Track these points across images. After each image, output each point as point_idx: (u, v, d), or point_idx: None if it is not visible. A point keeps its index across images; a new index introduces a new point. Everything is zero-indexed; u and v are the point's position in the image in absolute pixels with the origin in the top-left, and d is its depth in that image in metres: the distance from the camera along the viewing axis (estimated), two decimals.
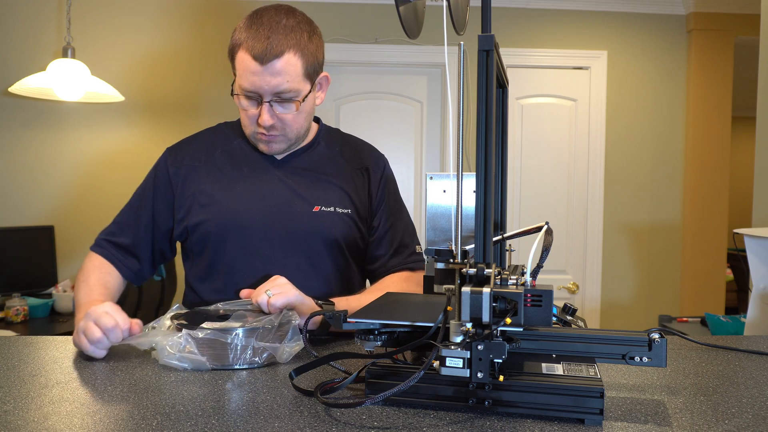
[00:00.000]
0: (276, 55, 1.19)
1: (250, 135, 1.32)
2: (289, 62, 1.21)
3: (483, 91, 0.77)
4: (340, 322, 0.87)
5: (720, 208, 3.47)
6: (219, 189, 1.31)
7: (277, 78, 1.20)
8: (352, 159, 1.41)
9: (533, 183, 3.43)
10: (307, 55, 1.24)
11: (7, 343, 1.13)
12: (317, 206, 1.31)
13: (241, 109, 1.28)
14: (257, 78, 1.20)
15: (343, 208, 1.33)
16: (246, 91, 1.23)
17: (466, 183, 0.92)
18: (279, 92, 1.22)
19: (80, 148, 3.22)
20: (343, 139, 1.45)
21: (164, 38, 3.25)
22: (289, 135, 1.30)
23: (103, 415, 0.78)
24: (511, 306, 0.74)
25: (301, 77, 1.24)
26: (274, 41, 1.19)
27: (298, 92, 1.24)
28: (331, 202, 1.33)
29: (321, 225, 1.30)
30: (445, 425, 0.74)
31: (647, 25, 3.43)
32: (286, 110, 1.25)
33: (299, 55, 1.22)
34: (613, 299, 3.48)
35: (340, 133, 1.47)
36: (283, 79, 1.21)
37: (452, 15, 0.93)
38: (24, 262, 3.01)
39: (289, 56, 1.21)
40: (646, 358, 0.81)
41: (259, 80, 1.20)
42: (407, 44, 3.26)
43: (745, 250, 1.67)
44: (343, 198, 1.34)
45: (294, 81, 1.22)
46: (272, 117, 1.24)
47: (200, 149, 1.37)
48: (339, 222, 1.32)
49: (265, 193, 1.31)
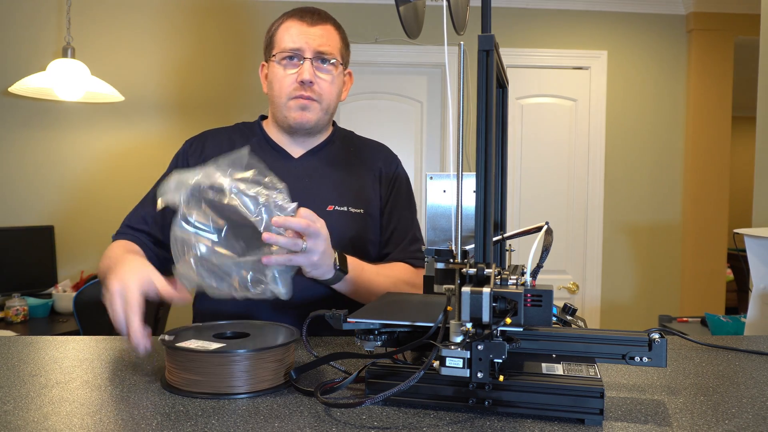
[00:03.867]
0: (323, 20, 1.33)
1: (284, 103, 1.34)
2: (332, 32, 1.34)
3: (483, 91, 0.77)
4: (340, 322, 0.87)
5: (720, 208, 3.47)
6: None
7: (322, 38, 1.31)
8: (366, 159, 1.43)
9: (533, 183, 3.43)
10: (344, 39, 1.38)
11: (7, 343, 1.13)
12: (331, 205, 1.32)
13: (278, 76, 1.32)
14: (303, 36, 1.30)
15: (356, 207, 1.34)
16: (290, 50, 1.31)
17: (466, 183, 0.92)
18: (322, 51, 1.31)
19: (80, 148, 3.22)
20: (357, 139, 1.49)
21: (164, 38, 3.25)
22: (323, 102, 1.34)
23: (103, 415, 0.78)
24: (511, 306, 0.74)
25: (339, 50, 1.35)
26: (320, 13, 1.34)
27: (336, 56, 1.33)
28: (345, 202, 1.34)
29: (333, 224, 1.30)
30: (445, 425, 0.74)
31: (647, 25, 3.44)
32: (324, 73, 1.32)
33: (339, 32, 1.37)
34: (613, 299, 3.48)
35: (354, 134, 1.52)
36: (327, 41, 1.32)
37: (452, 15, 0.93)
38: (24, 262, 3.01)
39: (333, 27, 1.35)
40: (646, 358, 0.81)
41: (305, 37, 1.30)
42: (407, 44, 3.26)
43: (745, 250, 1.67)
44: (357, 198, 1.36)
45: (334, 48, 1.33)
46: (313, 74, 1.30)
47: (220, 143, 1.39)
48: (351, 221, 1.33)
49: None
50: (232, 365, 0.86)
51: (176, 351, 0.88)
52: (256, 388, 0.87)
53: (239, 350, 0.87)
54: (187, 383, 0.86)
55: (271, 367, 0.88)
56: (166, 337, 0.92)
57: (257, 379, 0.87)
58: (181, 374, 0.87)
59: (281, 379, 0.90)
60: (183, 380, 0.87)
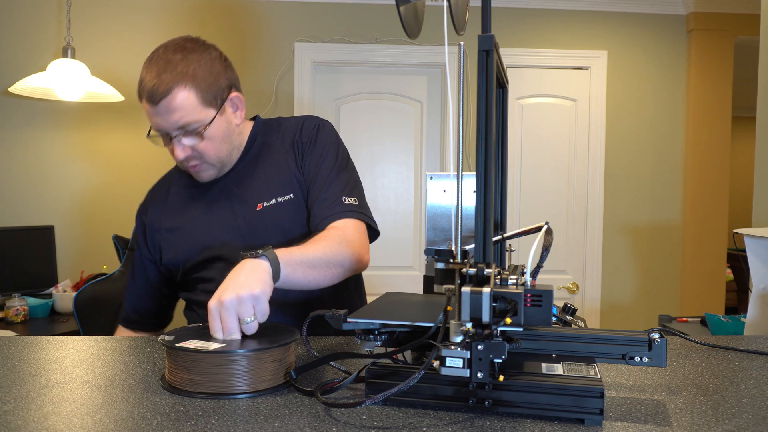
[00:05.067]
0: (164, 93, 1.21)
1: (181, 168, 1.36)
2: (180, 98, 1.21)
3: (483, 91, 0.77)
4: (340, 322, 0.87)
5: (720, 208, 3.47)
6: (176, 224, 1.37)
7: (174, 114, 1.22)
8: (285, 139, 1.38)
9: (533, 183, 3.43)
10: (202, 84, 1.24)
11: (7, 343, 1.13)
12: (260, 204, 1.31)
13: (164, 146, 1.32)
14: (156, 118, 1.23)
15: (283, 195, 1.31)
16: (157, 132, 1.28)
17: (466, 183, 0.92)
18: (180, 126, 1.23)
19: (80, 148, 3.22)
20: (280, 125, 1.42)
21: (164, 38, 3.24)
22: (211, 161, 1.30)
23: (103, 415, 0.78)
24: (511, 306, 0.74)
25: (199, 107, 1.24)
26: (163, 79, 1.21)
27: (200, 122, 1.24)
28: (272, 194, 1.32)
29: (267, 220, 1.30)
30: (445, 425, 0.74)
31: (647, 25, 3.43)
32: (193, 141, 1.26)
33: (191, 86, 1.22)
34: (613, 299, 3.48)
35: (279, 120, 1.44)
36: (179, 114, 1.22)
37: (452, 15, 0.93)
38: (24, 262, 3.01)
39: (178, 91, 1.21)
40: (646, 358, 0.81)
41: (158, 120, 1.23)
42: (407, 44, 3.26)
43: (745, 250, 1.67)
44: (283, 184, 1.33)
45: (192, 113, 1.23)
46: (184, 150, 1.26)
47: (158, 196, 1.44)
48: (282, 211, 1.30)
49: (212, 209, 1.35)
50: (232, 365, 0.86)
51: (176, 351, 0.88)
52: (257, 388, 0.87)
53: (239, 350, 0.87)
54: (188, 383, 0.87)
55: (271, 367, 0.89)
56: (166, 337, 0.92)
57: (257, 379, 0.87)
58: (181, 374, 0.87)
59: (281, 378, 0.90)
60: (183, 380, 0.87)
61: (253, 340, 0.93)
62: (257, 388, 0.87)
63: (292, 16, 3.27)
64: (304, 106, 3.26)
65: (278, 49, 3.27)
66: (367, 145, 3.38)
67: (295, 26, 3.27)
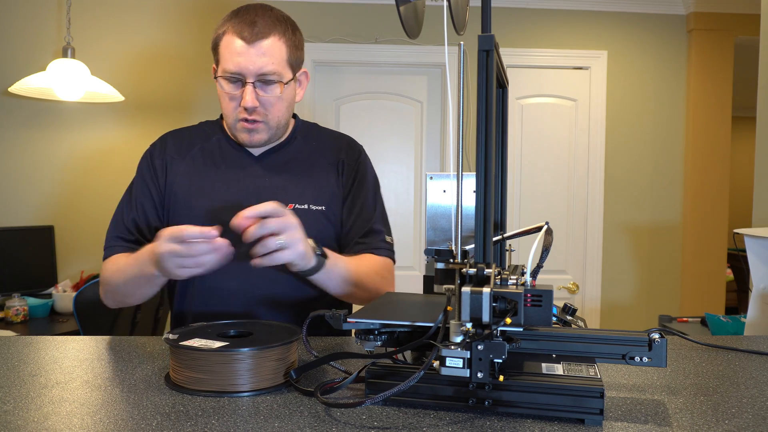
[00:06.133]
0: (263, 36, 1.23)
1: (232, 125, 1.31)
2: (274, 45, 1.24)
3: (483, 91, 0.77)
4: (340, 321, 0.87)
5: (720, 208, 3.47)
6: (195, 188, 1.31)
7: (263, 59, 1.23)
8: (328, 153, 1.39)
9: (533, 183, 3.43)
10: (291, 45, 1.28)
11: (7, 343, 1.13)
12: (291, 204, 1.30)
13: (223, 96, 1.28)
14: (243, 58, 1.22)
15: (317, 205, 1.32)
16: (230, 74, 1.24)
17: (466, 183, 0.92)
18: (263, 73, 1.24)
19: (80, 148, 3.22)
20: (319, 133, 1.44)
21: (164, 38, 3.26)
22: (271, 122, 1.29)
23: (103, 415, 0.78)
24: (511, 306, 0.74)
25: (285, 62, 1.27)
26: (260, 25, 1.23)
27: (281, 75, 1.26)
28: (305, 199, 1.32)
29: None
30: (445, 425, 0.74)
31: (647, 25, 3.44)
32: (269, 93, 1.26)
33: (284, 41, 1.26)
34: (613, 299, 3.48)
35: (318, 127, 1.47)
36: (268, 60, 1.23)
37: (452, 15, 0.93)
38: (24, 262, 3.01)
39: (275, 39, 1.24)
40: (646, 358, 0.81)
41: (244, 60, 1.22)
42: (407, 44, 3.26)
43: (745, 250, 1.67)
44: (318, 194, 1.33)
45: (278, 64, 1.25)
46: (255, 99, 1.25)
47: (181, 142, 1.37)
48: (312, 219, 1.30)
49: (240, 190, 1.30)
50: (235, 363, 0.86)
51: (180, 349, 0.88)
52: (259, 386, 0.87)
53: (242, 348, 0.87)
54: (191, 381, 0.87)
55: (273, 366, 0.89)
56: (170, 335, 0.93)
57: (260, 378, 0.87)
58: (185, 372, 0.88)
59: (283, 377, 0.90)
60: (187, 378, 0.87)
61: (256, 339, 0.93)
62: (260, 387, 0.87)
63: (292, 16, 3.27)
64: (305, 106, 3.26)
65: None
66: (367, 145, 3.34)
67: None
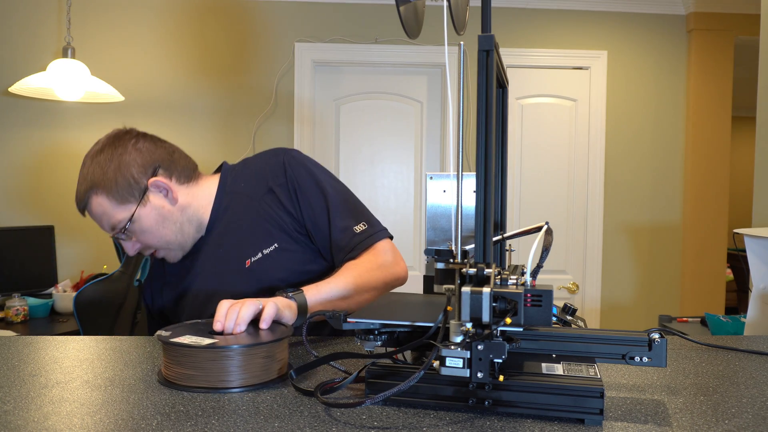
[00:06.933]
0: (84, 204, 1.27)
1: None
2: (97, 204, 1.26)
3: (483, 91, 0.77)
4: (340, 321, 0.87)
5: (720, 208, 3.47)
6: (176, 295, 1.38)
7: (101, 220, 1.28)
8: (256, 187, 1.32)
9: (533, 183, 3.43)
10: (110, 185, 1.24)
11: (7, 343, 1.13)
12: (247, 260, 1.28)
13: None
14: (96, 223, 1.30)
15: (267, 246, 1.28)
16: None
17: (466, 183, 0.92)
18: (111, 227, 1.27)
19: (80, 148, 3.21)
20: (243, 171, 1.37)
21: (164, 38, 3.25)
22: (161, 247, 1.31)
23: (103, 415, 0.78)
24: (511, 306, 0.74)
25: (117, 208, 1.25)
26: (80, 190, 1.27)
27: (122, 221, 1.26)
28: (257, 248, 1.28)
29: (260, 275, 1.27)
30: (445, 425, 0.74)
31: (647, 25, 3.44)
32: (133, 232, 1.28)
33: (100, 190, 1.25)
34: (613, 299, 3.48)
35: (241, 164, 1.39)
36: (103, 218, 1.27)
37: (452, 15, 0.93)
38: (24, 262, 3.01)
39: (93, 199, 1.26)
40: (646, 358, 0.81)
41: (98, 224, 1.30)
42: (407, 44, 3.26)
43: (745, 250, 1.67)
44: (264, 236, 1.28)
45: (113, 215, 1.26)
46: (133, 246, 1.30)
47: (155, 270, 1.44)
48: (271, 262, 1.27)
49: (206, 279, 1.32)
50: (225, 360, 0.87)
51: (171, 346, 0.89)
52: (249, 383, 0.88)
53: (232, 345, 0.88)
54: (182, 377, 0.88)
55: (263, 363, 0.90)
56: (162, 332, 0.93)
57: (250, 374, 0.88)
58: (176, 369, 0.89)
59: (274, 374, 0.91)
60: (178, 374, 0.88)
61: (246, 336, 0.94)
62: (250, 383, 0.88)
63: (292, 16, 3.27)
64: (305, 106, 3.26)
65: (278, 49, 3.27)
66: (367, 145, 3.38)
67: (295, 26, 3.27)
